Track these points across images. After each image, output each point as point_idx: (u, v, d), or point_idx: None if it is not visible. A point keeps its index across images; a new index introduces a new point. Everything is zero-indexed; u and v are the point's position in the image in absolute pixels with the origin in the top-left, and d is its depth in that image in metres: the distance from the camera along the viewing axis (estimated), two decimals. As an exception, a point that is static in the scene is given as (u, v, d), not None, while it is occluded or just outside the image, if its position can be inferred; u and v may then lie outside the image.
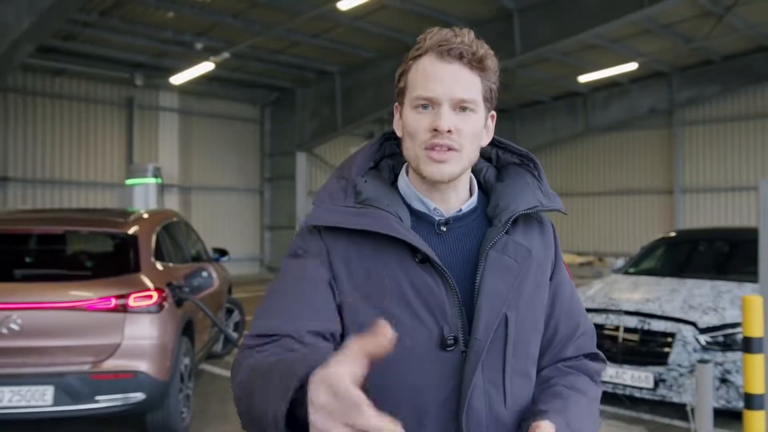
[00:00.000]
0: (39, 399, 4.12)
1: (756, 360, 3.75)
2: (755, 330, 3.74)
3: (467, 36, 1.22)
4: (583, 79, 17.10)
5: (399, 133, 1.30)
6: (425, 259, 1.19)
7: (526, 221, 1.33)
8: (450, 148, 1.20)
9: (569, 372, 1.35)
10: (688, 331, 5.20)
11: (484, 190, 1.37)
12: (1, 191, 14.60)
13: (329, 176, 1.32)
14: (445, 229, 1.27)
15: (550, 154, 22.05)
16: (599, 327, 5.60)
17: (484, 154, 1.39)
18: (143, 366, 4.34)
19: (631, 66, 16.15)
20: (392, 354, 1.05)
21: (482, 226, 1.30)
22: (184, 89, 16.92)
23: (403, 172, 1.32)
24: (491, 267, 1.23)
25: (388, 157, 1.38)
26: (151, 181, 12.19)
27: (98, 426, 5.08)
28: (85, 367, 4.23)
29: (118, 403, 4.27)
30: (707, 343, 5.16)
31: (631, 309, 5.54)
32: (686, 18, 13.61)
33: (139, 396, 4.31)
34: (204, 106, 17.96)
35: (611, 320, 5.56)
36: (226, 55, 14.05)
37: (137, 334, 4.36)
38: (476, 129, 1.24)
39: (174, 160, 17.45)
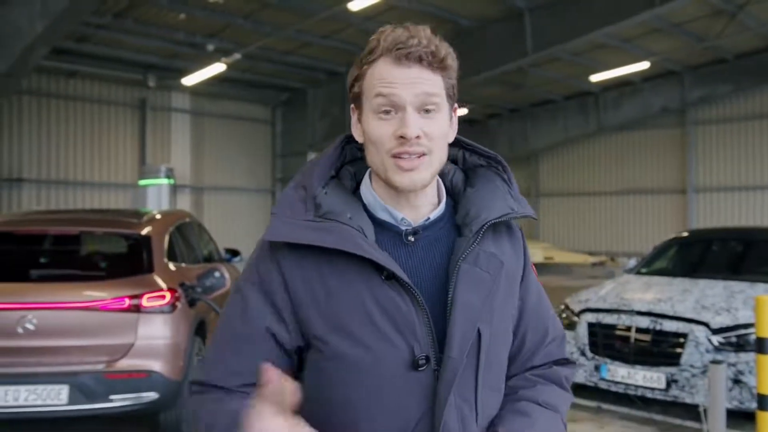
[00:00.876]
0: (54, 398, 4.16)
1: (769, 361, 3.73)
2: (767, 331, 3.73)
3: (423, 35, 1.15)
4: (595, 78, 17.04)
5: (359, 139, 1.22)
6: (391, 276, 1.13)
7: (495, 228, 1.25)
8: (421, 154, 1.14)
9: (537, 381, 1.30)
10: (700, 332, 5.18)
11: (452, 195, 1.29)
12: (16, 192, 14.76)
13: (288, 185, 1.26)
14: (413, 239, 1.20)
15: (562, 153, 22.00)
16: (611, 327, 5.59)
17: (450, 156, 1.30)
18: (156, 366, 4.37)
19: (643, 65, 16.07)
20: (361, 376, 1.14)
21: (451, 234, 1.23)
22: (196, 90, 17.03)
23: (366, 179, 1.25)
24: (463, 280, 1.17)
25: (349, 163, 1.30)
26: (164, 181, 12.29)
27: (113, 425, 5.12)
28: (100, 367, 4.27)
29: (132, 402, 4.30)
30: (720, 343, 5.13)
31: (643, 309, 5.52)
32: (697, 17, 13.54)
33: (152, 395, 4.35)
34: (216, 107, 18.07)
35: (623, 320, 5.55)
36: (237, 56, 14.13)
37: (150, 334, 4.39)
38: (443, 129, 1.18)
39: (186, 161, 17.57)
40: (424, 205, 1.22)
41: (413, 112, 1.13)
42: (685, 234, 7.68)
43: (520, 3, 12.87)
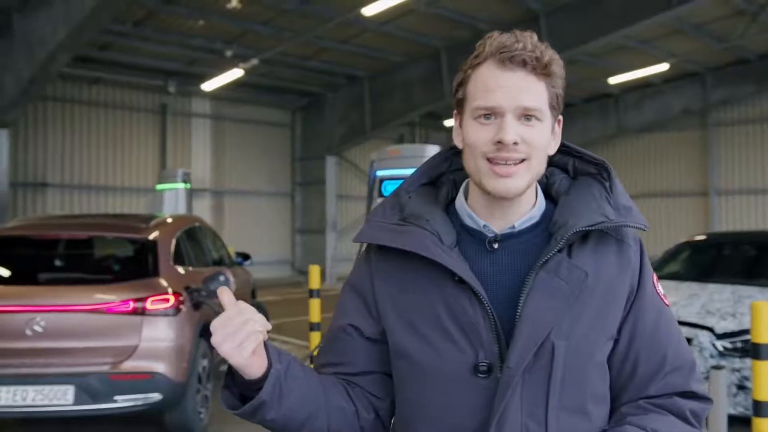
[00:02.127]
0: (60, 398, 4.28)
1: (765, 366, 3.70)
2: (764, 336, 3.70)
3: (530, 40, 1.13)
4: (614, 80, 16.91)
5: (459, 145, 1.22)
6: (462, 281, 1.13)
7: (600, 239, 1.19)
8: (519, 161, 1.12)
9: (650, 410, 1.18)
10: (704, 337, 5.13)
11: (556, 204, 1.24)
12: (40, 196, 15.08)
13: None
14: (496, 246, 1.18)
15: (582, 156, 21.82)
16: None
17: (560, 165, 1.29)
18: (160, 367, 4.47)
19: (662, 67, 15.92)
20: (427, 376, 1.17)
21: (542, 243, 1.18)
22: (216, 95, 17.25)
23: (461, 189, 1.26)
24: (538, 289, 1.13)
25: (453, 171, 1.30)
26: (181, 186, 12.46)
27: (119, 426, 5.24)
28: (105, 368, 4.38)
29: (136, 403, 4.40)
30: (725, 348, 5.09)
31: (648, 314, 5.49)
32: (718, 17, 13.38)
33: (156, 396, 4.44)
34: (235, 111, 18.27)
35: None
36: (254, 61, 14.29)
37: (155, 336, 4.49)
38: (544, 139, 1.15)
39: (206, 165, 17.80)
40: (515, 214, 1.20)
41: (512, 119, 1.12)
42: (698, 238, 7.61)
43: (535, 6, 12.85)
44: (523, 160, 1.13)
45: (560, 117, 1.22)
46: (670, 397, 1.20)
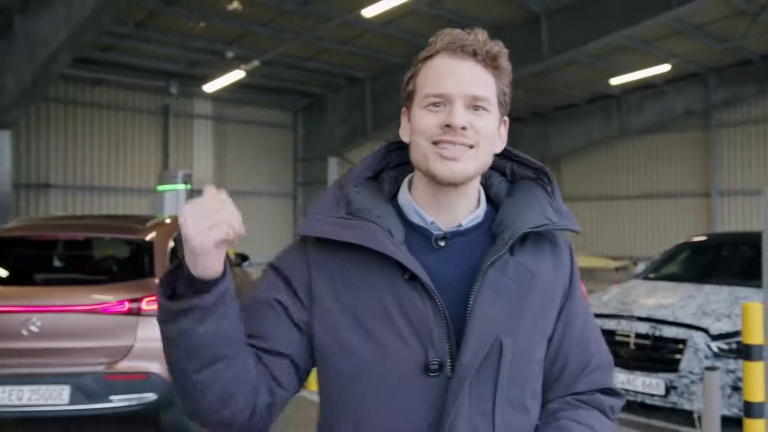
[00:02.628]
0: (56, 398, 4.30)
1: (756, 368, 3.71)
2: (755, 337, 3.71)
3: (480, 34, 1.17)
4: (615, 81, 16.89)
5: (406, 139, 1.22)
6: (414, 277, 1.12)
7: (537, 241, 1.22)
8: (468, 146, 1.13)
9: (578, 406, 1.24)
10: (699, 338, 5.14)
11: (494, 206, 1.27)
12: (43, 197, 15.14)
13: (329, 186, 1.28)
14: (443, 244, 1.18)
15: (585, 157, 21.82)
16: (611, 333, 5.58)
17: (498, 168, 1.30)
18: (155, 367, 4.49)
19: (664, 68, 15.90)
20: (374, 375, 1.12)
21: (486, 243, 1.19)
22: (218, 96, 17.30)
23: (404, 184, 1.26)
24: (487, 288, 1.14)
25: (392, 168, 1.31)
26: (181, 187, 12.50)
27: (115, 426, 5.26)
28: (100, 368, 4.41)
29: (132, 402, 4.43)
30: (720, 350, 5.09)
31: (643, 315, 5.50)
32: (719, 18, 13.36)
33: (151, 396, 4.47)
34: (237, 112, 18.32)
35: (623, 326, 5.53)
36: (255, 63, 14.32)
37: (150, 337, 4.51)
38: (491, 129, 1.17)
39: (208, 166, 17.85)
40: (462, 210, 1.21)
41: (462, 105, 1.13)
42: (696, 238, 7.61)
43: (536, 7, 12.85)
44: (471, 147, 1.14)
45: (506, 118, 1.24)
46: (594, 394, 1.26)
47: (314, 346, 1.19)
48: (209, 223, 1.01)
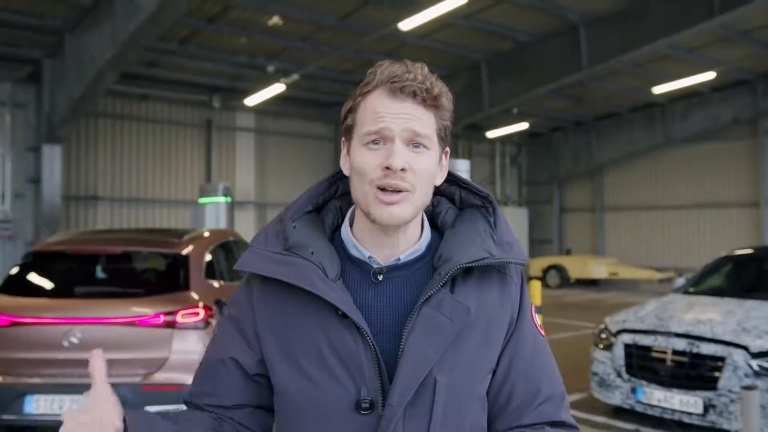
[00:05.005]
0: (95, 408, 4.43)
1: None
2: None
3: (420, 72, 1.14)
4: (658, 90, 16.59)
5: (346, 172, 1.21)
6: (346, 314, 1.11)
7: (483, 273, 1.20)
8: (401, 190, 1.12)
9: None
10: (738, 355, 5.00)
11: (441, 234, 1.25)
12: (92, 209, 15.62)
13: (275, 216, 1.29)
14: (381, 278, 1.18)
15: (628, 167, 21.44)
16: (647, 349, 5.47)
17: (447, 194, 1.30)
18: (190, 379, 4.56)
19: (709, 75, 15.55)
20: (308, 413, 1.15)
21: (425, 276, 1.18)
22: (260, 110, 17.60)
23: (346, 219, 1.25)
24: (420, 325, 1.12)
25: (339, 197, 1.29)
26: (221, 199, 12.73)
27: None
28: (136, 379, 4.53)
29: (167, 413, 4.53)
30: (760, 368, 4.94)
31: (680, 331, 5.38)
32: (765, 24, 13.01)
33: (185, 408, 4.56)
34: (278, 125, 18.60)
35: (659, 342, 5.42)
36: (296, 76, 14.55)
37: (184, 349, 4.62)
38: (430, 167, 1.16)
39: (250, 178, 18.14)
40: (402, 244, 1.19)
41: (401, 145, 1.12)
42: (738, 252, 7.40)
43: (574, 17, 12.74)
44: (406, 191, 1.13)
45: (447, 149, 1.23)
46: (542, 427, 1.21)
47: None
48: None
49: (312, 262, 1.15)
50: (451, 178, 1.29)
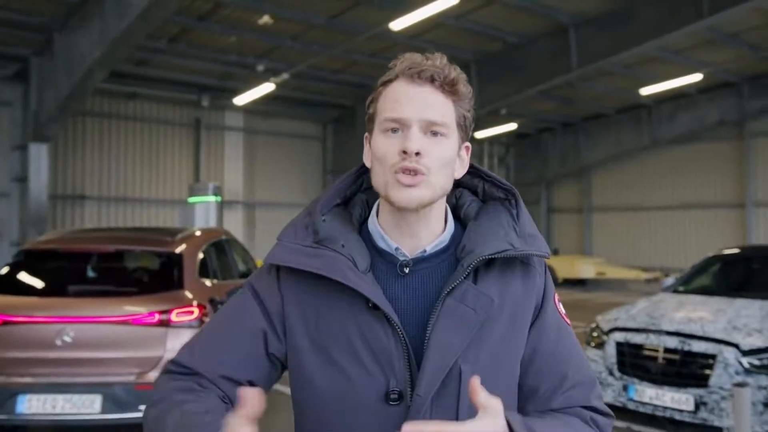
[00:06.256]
0: (88, 407, 4.41)
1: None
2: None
3: (439, 60, 1.17)
4: (645, 91, 16.71)
5: (368, 164, 1.22)
6: (377, 306, 1.13)
7: (506, 264, 1.21)
8: (417, 172, 1.13)
9: (555, 412, 1.22)
10: (729, 353, 5.05)
11: (464, 226, 1.26)
12: (78, 209, 15.50)
13: (302, 210, 1.30)
14: (407, 271, 1.19)
15: (616, 167, 21.59)
16: (639, 347, 5.52)
17: (470, 187, 1.31)
18: (184, 378, 4.57)
19: (696, 77, 15.68)
20: (337, 404, 1.15)
21: (450, 268, 1.20)
22: (249, 109, 17.55)
23: (373, 209, 1.26)
24: (445, 316, 1.14)
25: (365, 191, 1.30)
26: (211, 199, 12.69)
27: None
28: (131, 378, 4.50)
29: (161, 412, 4.51)
30: (751, 365, 5.00)
31: (672, 329, 5.42)
32: (753, 26, 13.15)
33: (179, 406, 4.54)
34: (268, 124, 18.55)
35: (651, 340, 5.47)
36: (285, 76, 14.51)
37: (179, 348, 4.59)
38: (447, 155, 1.16)
39: (239, 178, 18.08)
40: (426, 235, 1.21)
41: (418, 130, 1.13)
42: (726, 251, 7.48)
43: (564, 18, 12.82)
44: (422, 174, 1.13)
45: (468, 144, 1.24)
46: (574, 409, 1.23)
47: (289, 375, 1.22)
48: None
49: (343, 255, 1.17)
50: (474, 171, 1.30)
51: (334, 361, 1.15)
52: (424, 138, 1.14)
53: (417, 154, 1.12)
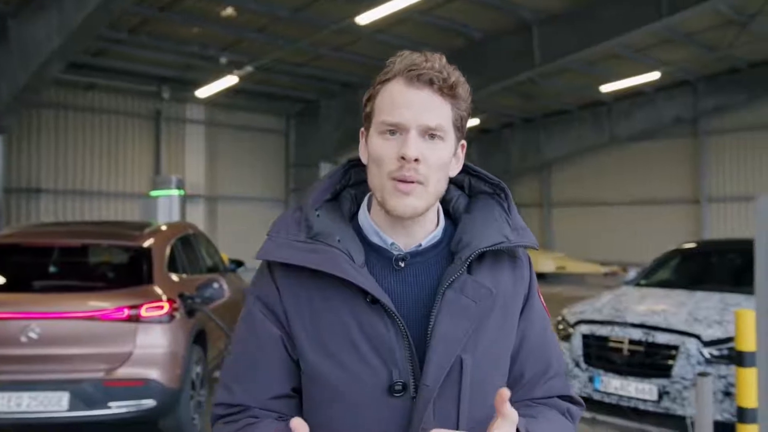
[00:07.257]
0: (55, 404, 4.31)
1: (748, 374, 3.78)
2: (747, 344, 3.78)
3: (438, 61, 1.17)
4: (605, 89, 17.04)
5: (364, 160, 1.23)
6: (375, 300, 1.13)
7: (496, 256, 1.24)
8: (415, 181, 1.14)
9: (537, 405, 1.27)
10: (691, 344, 5.21)
11: (453, 221, 1.29)
12: (34, 202, 15.09)
13: (291, 205, 1.31)
14: (402, 265, 1.20)
15: (575, 163, 21.97)
16: (604, 339, 5.64)
17: (456, 182, 1.32)
18: (154, 374, 4.51)
19: (654, 75, 16.05)
20: (340, 397, 1.15)
21: (445, 261, 1.22)
22: (211, 102, 17.32)
23: (364, 203, 1.27)
24: (446, 308, 1.16)
25: (353, 186, 1.31)
26: (174, 192, 12.49)
27: None
28: (99, 375, 4.42)
29: (130, 409, 4.45)
30: (711, 356, 5.16)
31: (636, 321, 5.57)
32: (708, 27, 13.52)
33: (150, 403, 4.49)
34: (230, 118, 18.33)
35: (616, 332, 5.60)
36: (249, 68, 14.36)
37: (148, 343, 4.54)
38: (444, 158, 1.18)
39: (200, 171, 17.84)
40: (420, 231, 1.22)
41: (416, 135, 1.14)
42: (686, 245, 7.70)
43: (528, 15, 12.96)
44: (419, 183, 1.15)
45: (464, 142, 1.26)
46: (552, 399, 1.29)
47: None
48: None
49: (339, 249, 1.17)
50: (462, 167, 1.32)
51: (335, 356, 1.15)
52: (422, 142, 1.15)
53: (416, 160, 1.13)
